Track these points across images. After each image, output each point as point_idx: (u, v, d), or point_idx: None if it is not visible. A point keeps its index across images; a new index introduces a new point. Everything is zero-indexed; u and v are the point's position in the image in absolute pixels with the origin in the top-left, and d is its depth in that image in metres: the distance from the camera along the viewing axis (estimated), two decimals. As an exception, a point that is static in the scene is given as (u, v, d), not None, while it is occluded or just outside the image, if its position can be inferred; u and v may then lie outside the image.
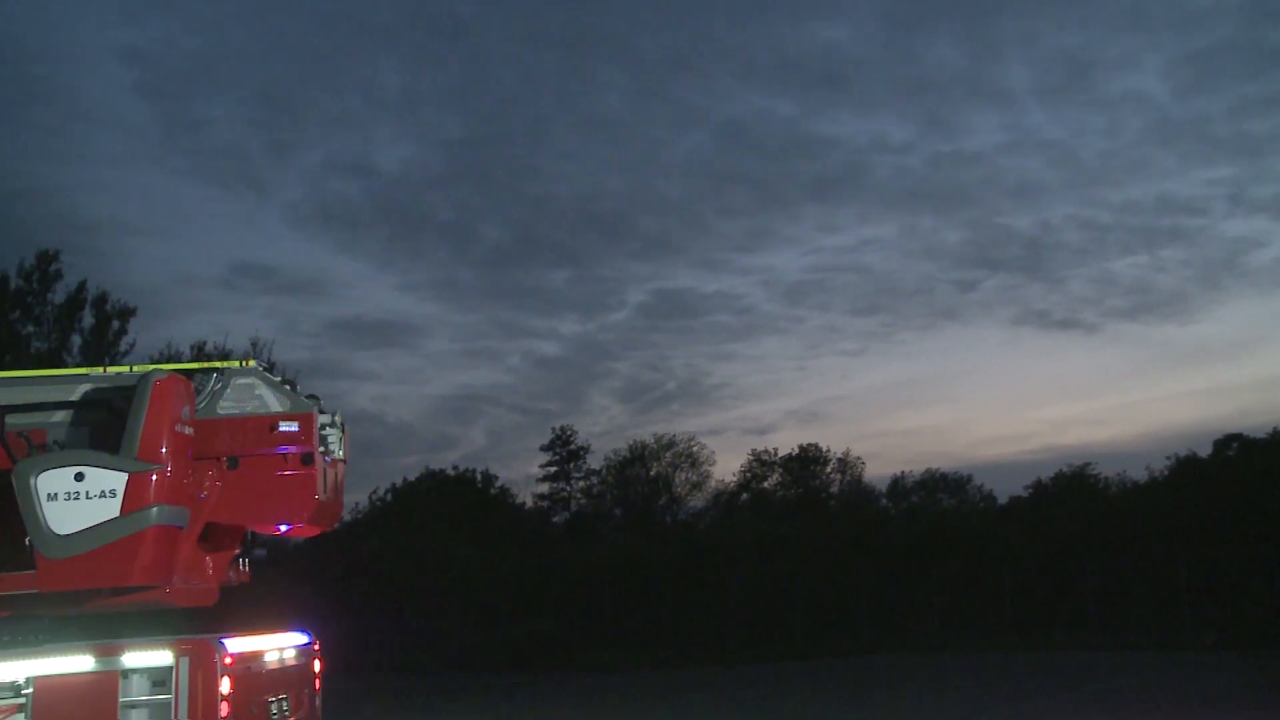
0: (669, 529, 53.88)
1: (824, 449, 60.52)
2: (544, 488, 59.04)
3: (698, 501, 58.34)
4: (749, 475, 59.97)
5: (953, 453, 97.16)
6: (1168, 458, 44.96)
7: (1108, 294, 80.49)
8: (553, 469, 59.04)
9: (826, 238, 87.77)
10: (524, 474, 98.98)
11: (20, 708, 8.34)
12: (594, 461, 59.58)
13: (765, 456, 60.46)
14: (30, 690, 8.29)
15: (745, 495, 59.25)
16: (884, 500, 58.84)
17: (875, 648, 36.34)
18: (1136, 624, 34.88)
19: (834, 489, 60.26)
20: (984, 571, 39.70)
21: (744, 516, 54.49)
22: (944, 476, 59.46)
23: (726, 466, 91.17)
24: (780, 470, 60.27)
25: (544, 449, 59.38)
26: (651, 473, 58.22)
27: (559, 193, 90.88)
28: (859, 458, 60.92)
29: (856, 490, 59.54)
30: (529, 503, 57.73)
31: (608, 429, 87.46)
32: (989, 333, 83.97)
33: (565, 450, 59.17)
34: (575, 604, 42.65)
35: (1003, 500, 55.14)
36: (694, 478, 58.63)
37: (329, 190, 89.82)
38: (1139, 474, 48.54)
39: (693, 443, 59.12)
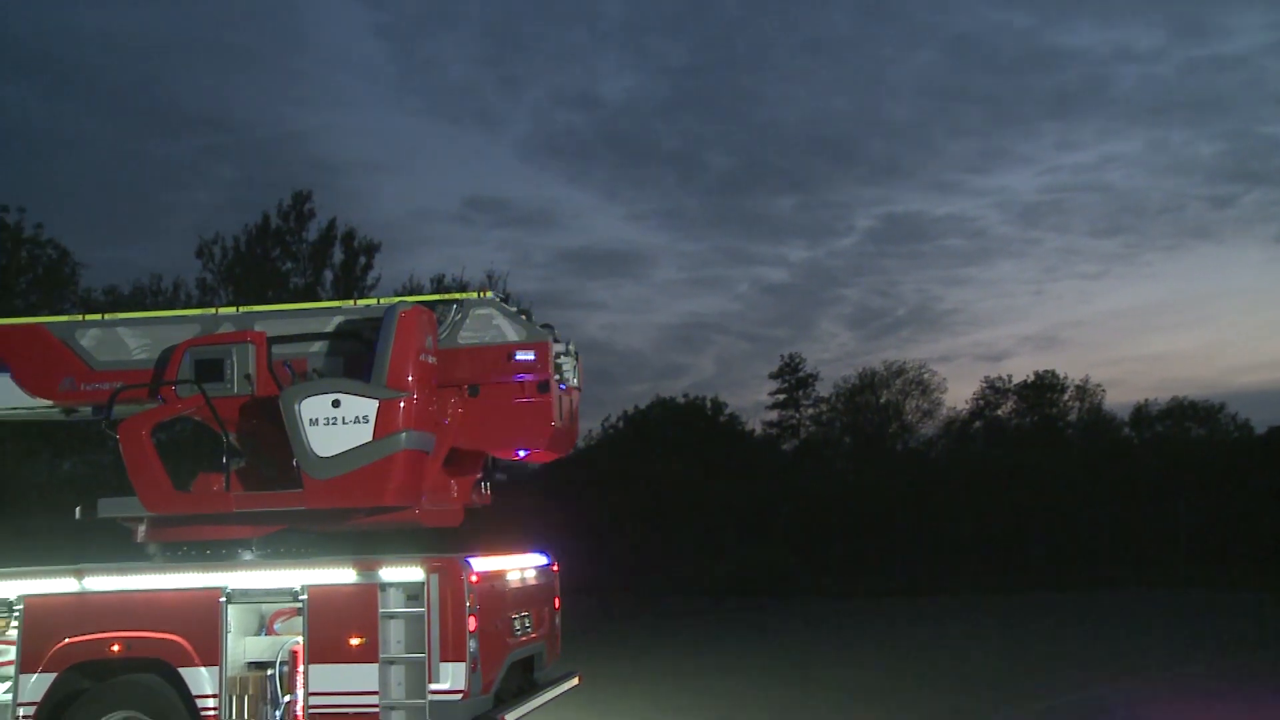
0: (899, 457, 53.12)
1: (1061, 376, 58.46)
2: (773, 415, 59.24)
3: (929, 429, 57.43)
4: (982, 403, 58.50)
5: (1203, 379, 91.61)
6: None
7: (1389, 206, 73.47)
8: (781, 396, 59.05)
9: (1065, 156, 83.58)
10: (753, 401, 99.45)
11: (299, 611, 9.07)
12: (823, 389, 59.31)
13: (999, 383, 58.84)
14: (306, 597, 9.00)
15: (978, 423, 57.81)
16: (1126, 429, 56.20)
17: (1117, 581, 34.93)
18: None
19: (1072, 417, 57.99)
20: (1239, 505, 37.50)
21: (977, 445, 53.21)
22: (1193, 405, 56.20)
23: (958, 394, 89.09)
24: (1015, 398, 58.47)
25: (773, 376, 59.46)
26: (881, 400, 57.40)
27: (784, 117, 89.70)
28: (1099, 385, 58.48)
29: (1096, 419, 57.06)
30: (758, 430, 58.04)
31: (837, 356, 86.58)
32: (1247, 252, 78.48)
33: (794, 378, 59.02)
34: (804, 531, 42.75)
35: (1260, 430, 51.88)
36: (925, 405, 57.58)
37: (557, 122, 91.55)
38: None
39: (924, 369, 58.03)
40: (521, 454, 10.34)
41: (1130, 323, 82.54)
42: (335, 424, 9.11)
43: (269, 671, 9.14)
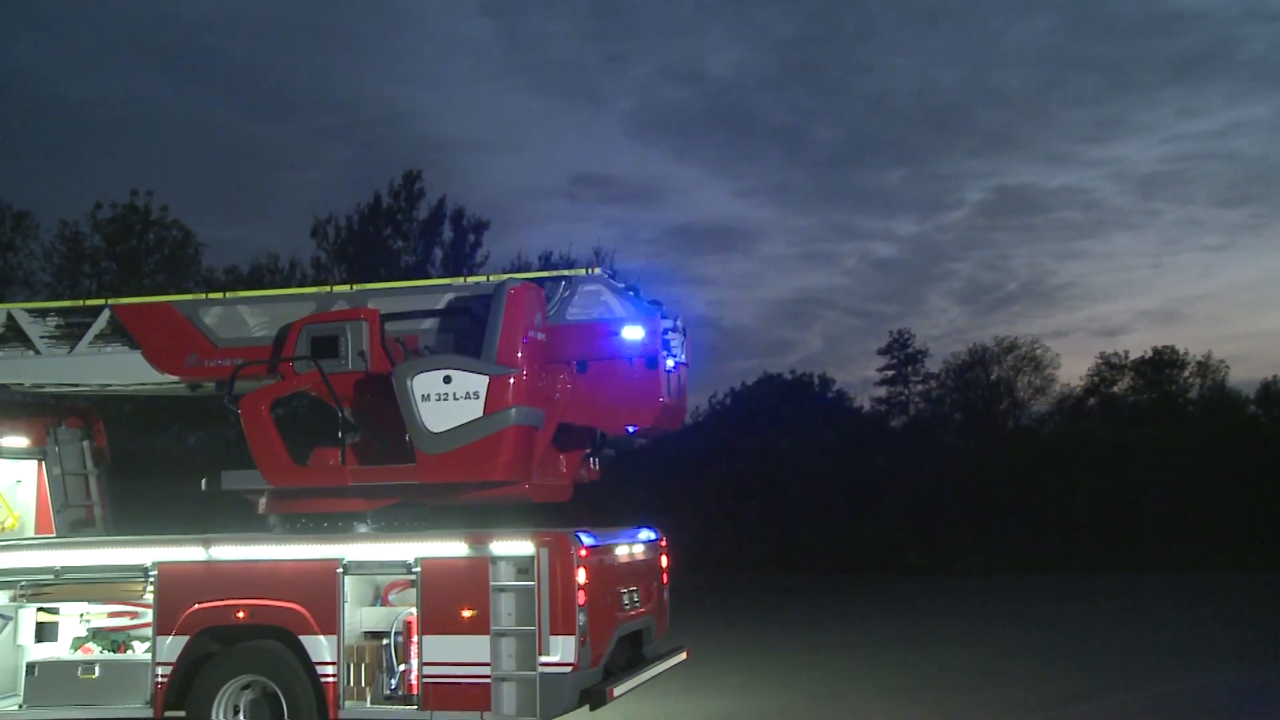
0: (1011, 434, 52.15)
1: (1181, 351, 56.79)
2: (881, 391, 58.73)
3: (1041, 406, 56.38)
4: (1097, 379, 57.13)
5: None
6: None
7: None
8: (890, 373, 58.50)
9: (1187, 123, 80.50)
10: (861, 377, 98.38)
11: (412, 583, 9.28)
12: (932, 365, 58.52)
13: (1115, 359, 57.36)
14: (419, 570, 9.20)
15: (1092, 400, 56.49)
16: (1251, 407, 54.20)
17: (1243, 564, 33.76)
18: None
19: (1192, 394, 56.21)
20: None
21: (1091, 422, 51.93)
22: (1325, 381, 53.94)
23: (1072, 370, 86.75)
24: (1131, 374, 56.96)
25: (881, 352, 58.92)
26: (992, 376, 56.42)
27: (892, 89, 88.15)
28: (1222, 361, 56.68)
29: (1219, 396, 55.20)
30: (866, 407, 57.57)
31: (946, 331, 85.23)
32: (1385, 220, 74.59)
33: (903, 353, 58.38)
34: (913, 508, 42.24)
35: (1400, 408, 49.63)
36: (1037, 381, 56.46)
37: (663, 98, 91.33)
38: None
39: (1036, 345, 56.91)
40: (630, 429, 10.37)
41: (1257, 296, 79.56)
42: (447, 400, 9.22)
43: (384, 641, 9.36)
